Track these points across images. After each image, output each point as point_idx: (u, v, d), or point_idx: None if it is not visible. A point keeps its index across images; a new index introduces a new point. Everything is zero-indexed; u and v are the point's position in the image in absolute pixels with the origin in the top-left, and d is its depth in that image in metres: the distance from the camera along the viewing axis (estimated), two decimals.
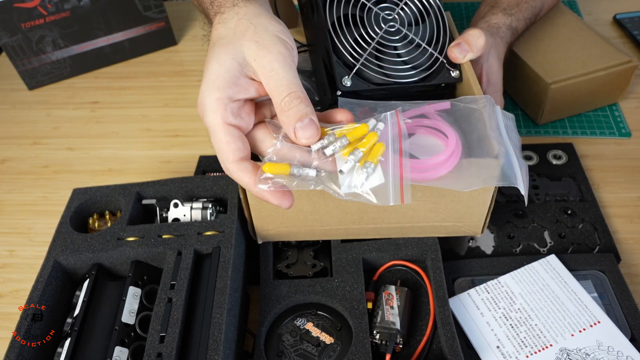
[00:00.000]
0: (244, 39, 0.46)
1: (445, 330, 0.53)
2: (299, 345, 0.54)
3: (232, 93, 0.45)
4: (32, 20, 0.86)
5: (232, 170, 0.45)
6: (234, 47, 0.46)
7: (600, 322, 0.54)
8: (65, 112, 0.89)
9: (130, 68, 0.97)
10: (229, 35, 0.46)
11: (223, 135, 0.45)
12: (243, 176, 0.45)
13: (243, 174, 0.45)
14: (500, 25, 0.72)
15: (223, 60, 0.45)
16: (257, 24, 0.46)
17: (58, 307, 0.56)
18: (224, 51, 0.46)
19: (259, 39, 0.45)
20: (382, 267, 0.60)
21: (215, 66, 0.45)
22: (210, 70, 0.46)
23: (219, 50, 0.46)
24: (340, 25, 0.57)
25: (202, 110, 0.46)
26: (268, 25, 0.46)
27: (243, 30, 0.46)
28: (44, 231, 0.71)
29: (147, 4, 0.93)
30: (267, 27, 0.46)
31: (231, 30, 0.46)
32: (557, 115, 0.79)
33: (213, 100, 0.45)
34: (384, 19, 0.60)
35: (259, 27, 0.46)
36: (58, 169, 0.80)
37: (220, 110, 0.45)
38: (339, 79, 0.56)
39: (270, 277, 0.58)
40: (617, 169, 0.73)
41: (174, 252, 0.56)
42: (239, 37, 0.46)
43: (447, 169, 0.49)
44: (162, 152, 0.81)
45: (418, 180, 0.49)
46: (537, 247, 0.63)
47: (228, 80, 0.45)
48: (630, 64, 0.75)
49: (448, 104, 0.54)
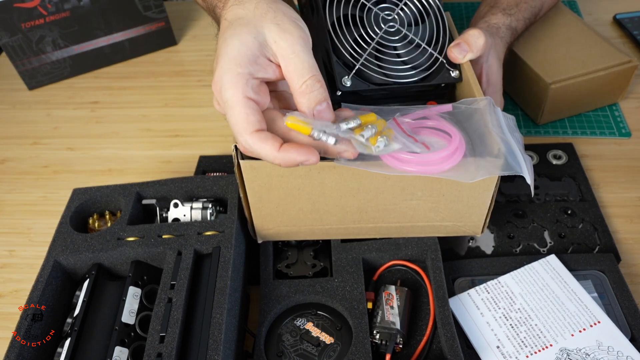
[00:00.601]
0: (265, 20, 0.46)
1: (445, 330, 0.53)
2: (299, 345, 0.54)
3: (253, 70, 0.45)
4: (32, 20, 0.86)
5: (252, 142, 0.44)
6: (255, 27, 0.46)
7: (600, 322, 0.54)
8: (65, 112, 0.89)
9: (130, 68, 0.97)
10: (248, 15, 0.47)
11: (242, 108, 0.44)
12: (264, 145, 0.44)
13: (263, 143, 0.44)
14: (499, 26, 0.72)
15: (244, 38, 0.45)
16: (276, 9, 0.47)
17: (58, 307, 0.56)
18: (245, 30, 0.46)
19: (280, 22, 0.46)
20: (382, 267, 0.60)
21: (237, 43, 0.45)
22: (230, 46, 0.45)
23: (239, 29, 0.46)
24: (340, 25, 0.57)
25: (220, 85, 0.45)
26: (286, 11, 0.47)
27: (263, 13, 0.46)
28: (44, 231, 0.71)
29: (147, 4, 0.93)
30: (286, 12, 0.47)
31: (251, 12, 0.47)
32: (557, 115, 0.79)
33: (234, 74, 0.45)
34: (384, 19, 0.60)
35: (278, 11, 0.46)
36: (58, 169, 0.80)
37: (242, 84, 0.45)
38: (338, 79, 0.56)
39: (270, 277, 0.58)
40: (617, 169, 0.73)
41: (174, 252, 0.56)
42: (260, 19, 0.46)
43: (451, 164, 0.50)
44: (162, 152, 0.81)
45: (422, 173, 0.49)
46: (537, 247, 0.63)
47: (250, 57, 0.45)
48: (630, 64, 0.75)
49: (450, 107, 0.55)
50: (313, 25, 0.59)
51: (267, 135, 0.45)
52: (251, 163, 0.51)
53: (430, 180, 0.52)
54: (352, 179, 0.52)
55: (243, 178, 0.53)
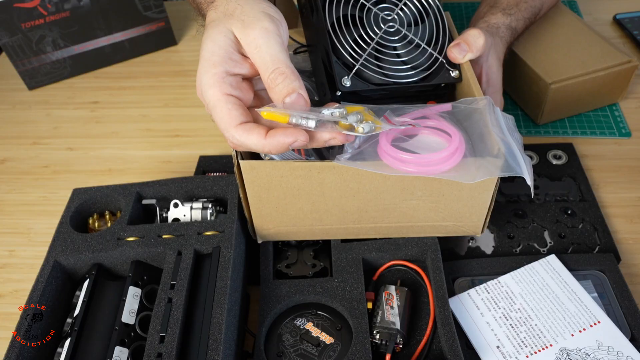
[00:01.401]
0: (232, 18, 0.47)
1: (445, 330, 0.53)
2: (299, 345, 0.54)
3: (228, 67, 0.46)
4: (32, 20, 0.86)
5: (238, 134, 0.45)
6: (224, 26, 0.47)
7: (600, 322, 0.54)
8: (65, 112, 0.89)
9: (130, 68, 0.97)
10: (219, 17, 0.48)
11: (224, 104, 0.45)
12: (250, 136, 0.44)
13: (249, 133, 0.44)
14: (499, 25, 0.72)
15: (215, 38, 0.46)
16: (244, 4, 0.48)
17: (58, 307, 0.56)
18: (216, 31, 0.47)
19: (245, 17, 0.46)
20: (382, 267, 0.60)
21: (209, 45, 0.46)
22: (204, 50, 0.47)
23: (211, 31, 0.47)
24: (340, 25, 0.57)
25: (201, 89, 0.46)
26: (254, 4, 0.48)
27: (231, 11, 0.47)
28: (44, 231, 0.71)
29: (147, 4, 0.93)
30: (253, 6, 0.47)
31: (221, 13, 0.48)
32: (557, 115, 0.79)
33: (211, 75, 0.45)
34: (384, 19, 0.60)
35: (246, 6, 0.47)
36: (58, 169, 0.80)
37: (218, 83, 0.45)
38: (338, 79, 0.56)
39: (270, 277, 0.58)
40: (617, 169, 0.73)
41: (174, 252, 0.56)
42: (228, 18, 0.47)
43: (451, 165, 0.50)
44: (162, 152, 0.81)
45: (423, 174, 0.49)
46: (537, 247, 0.63)
47: (222, 56, 0.46)
48: (630, 64, 0.75)
49: (449, 106, 0.55)
50: (313, 26, 0.59)
51: (252, 125, 0.45)
52: (251, 163, 0.51)
53: (430, 180, 0.52)
54: (352, 179, 0.52)
55: (243, 178, 0.53)
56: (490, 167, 0.49)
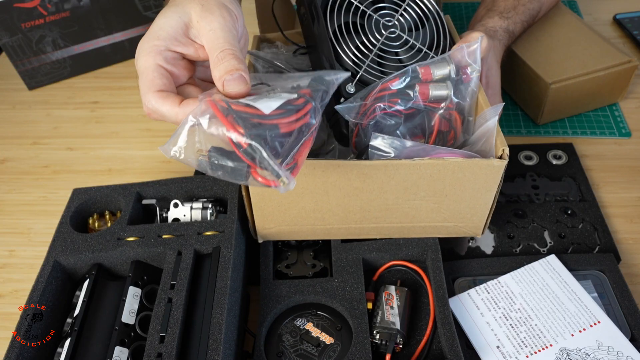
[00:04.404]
0: (192, 2, 0.47)
1: (445, 330, 0.53)
2: (299, 346, 0.54)
3: (170, 44, 0.47)
4: (32, 20, 0.86)
5: (154, 100, 0.45)
6: (182, 8, 0.47)
7: (600, 322, 0.54)
8: (65, 112, 0.89)
9: (130, 68, 0.97)
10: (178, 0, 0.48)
11: (151, 72, 0.45)
12: (165, 102, 0.44)
13: (164, 100, 0.44)
14: (497, 29, 0.72)
15: (169, 16, 0.47)
16: None
17: (58, 307, 0.56)
18: (172, 10, 0.47)
19: (205, 3, 0.47)
20: (382, 267, 0.60)
21: (161, 20, 0.47)
22: (154, 24, 0.47)
23: (168, 10, 0.48)
24: (342, 33, 0.58)
25: (137, 57, 0.47)
26: None
27: None
28: (44, 231, 0.71)
29: (147, 4, 0.93)
30: None
31: None
32: (557, 115, 0.79)
33: (150, 45, 0.46)
34: (384, 25, 0.60)
35: None
36: (58, 169, 0.80)
37: (153, 54, 0.46)
38: (342, 85, 0.56)
39: (270, 277, 0.58)
40: (617, 169, 0.73)
41: (174, 252, 0.56)
42: (188, 1, 0.47)
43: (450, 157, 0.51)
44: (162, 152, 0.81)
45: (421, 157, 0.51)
46: (537, 247, 0.63)
47: (169, 33, 0.47)
48: (630, 64, 0.75)
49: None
50: (314, 34, 0.59)
51: (168, 94, 0.45)
52: None
53: (434, 180, 0.52)
54: (356, 178, 0.52)
55: None
56: None
